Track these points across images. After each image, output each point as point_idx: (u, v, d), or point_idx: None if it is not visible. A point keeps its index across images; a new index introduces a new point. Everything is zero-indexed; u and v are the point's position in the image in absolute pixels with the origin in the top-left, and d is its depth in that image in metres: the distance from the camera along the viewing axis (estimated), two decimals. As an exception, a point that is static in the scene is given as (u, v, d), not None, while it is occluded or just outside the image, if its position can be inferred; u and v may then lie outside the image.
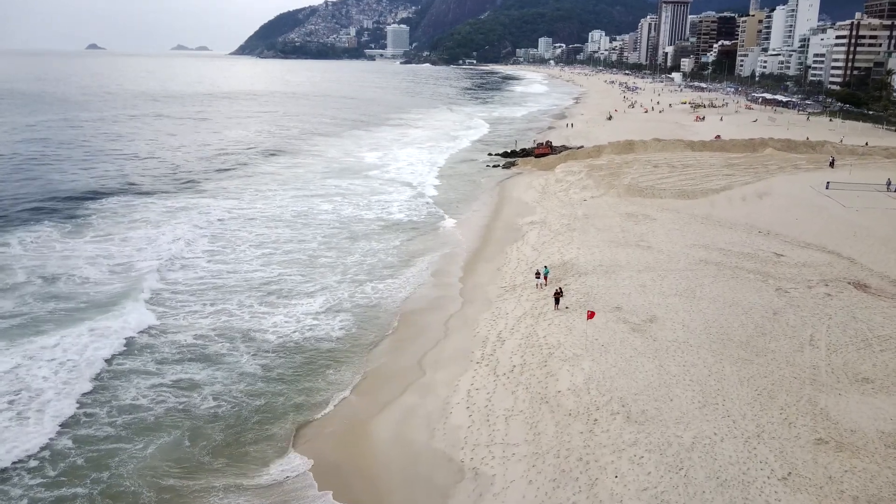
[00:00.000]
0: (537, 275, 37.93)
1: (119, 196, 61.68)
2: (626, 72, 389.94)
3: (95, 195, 61.80)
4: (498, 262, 43.40)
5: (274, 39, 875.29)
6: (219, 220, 54.57)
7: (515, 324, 32.80)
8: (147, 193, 63.61)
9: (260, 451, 23.61)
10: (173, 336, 32.43)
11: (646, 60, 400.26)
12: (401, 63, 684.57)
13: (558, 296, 34.23)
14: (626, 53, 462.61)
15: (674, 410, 24.36)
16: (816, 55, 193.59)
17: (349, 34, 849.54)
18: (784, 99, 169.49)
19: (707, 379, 26.66)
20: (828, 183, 61.74)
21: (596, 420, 23.86)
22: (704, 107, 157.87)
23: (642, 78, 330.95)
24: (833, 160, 74.69)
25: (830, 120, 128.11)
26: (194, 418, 25.44)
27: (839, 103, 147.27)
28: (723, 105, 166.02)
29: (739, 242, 46.26)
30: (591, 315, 29.50)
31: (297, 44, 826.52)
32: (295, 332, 33.25)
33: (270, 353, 30.96)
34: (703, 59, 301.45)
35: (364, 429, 24.81)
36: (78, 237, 48.40)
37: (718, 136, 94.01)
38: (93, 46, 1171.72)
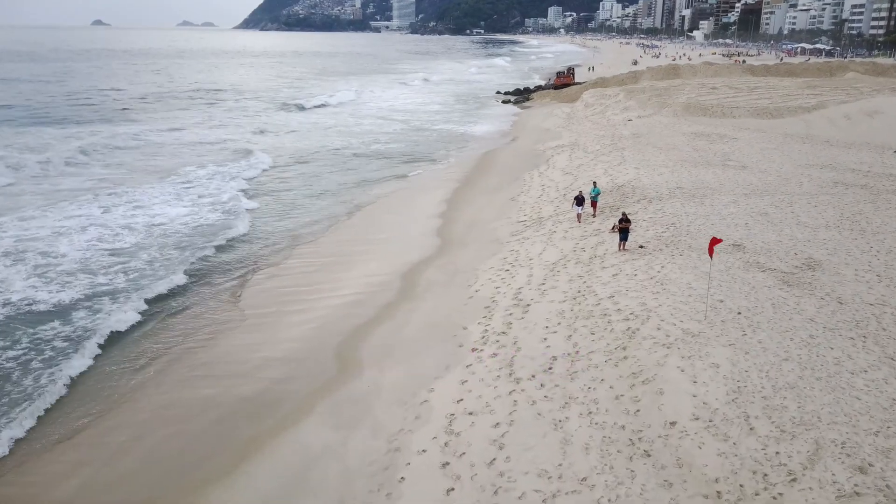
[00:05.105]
0: (579, 200, 22.33)
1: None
2: (641, 36, 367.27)
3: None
4: (511, 191, 27.90)
5: (278, 12, 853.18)
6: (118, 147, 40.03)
7: (548, 275, 17.33)
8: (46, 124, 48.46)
9: None
10: None
11: (661, 25, 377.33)
12: (407, 34, 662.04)
13: (625, 227, 18.72)
14: (639, 19, 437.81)
15: None
16: (855, 6, 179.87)
17: (354, 5, 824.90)
18: (826, 48, 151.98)
19: None
20: (961, 97, 45.74)
21: (802, 518, 8.46)
22: (738, 55, 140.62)
23: (659, 41, 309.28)
24: (940, 82, 58.53)
25: None
26: None
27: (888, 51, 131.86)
28: (757, 54, 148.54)
29: (875, 163, 30.78)
30: (713, 244, 13.98)
31: (300, 16, 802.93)
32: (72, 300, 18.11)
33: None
34: (725, 20, 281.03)
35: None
36: None
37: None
38: (98, 22, 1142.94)
